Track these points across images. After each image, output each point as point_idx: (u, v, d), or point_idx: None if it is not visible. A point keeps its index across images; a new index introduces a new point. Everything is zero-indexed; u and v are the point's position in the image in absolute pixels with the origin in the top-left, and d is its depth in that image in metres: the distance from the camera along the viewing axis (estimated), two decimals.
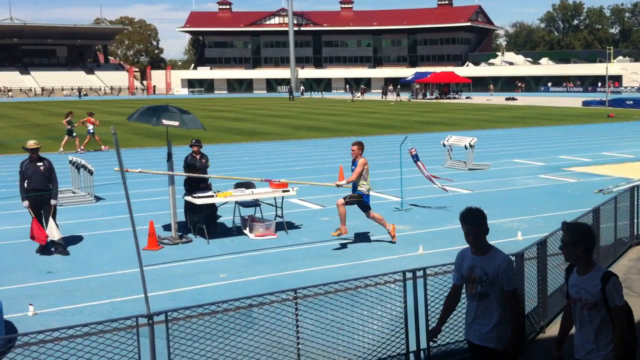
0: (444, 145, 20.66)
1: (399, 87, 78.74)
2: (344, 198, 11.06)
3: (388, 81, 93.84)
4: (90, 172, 15.03)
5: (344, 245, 11.25)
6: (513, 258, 5.94)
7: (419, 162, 14.35)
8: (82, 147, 25.54)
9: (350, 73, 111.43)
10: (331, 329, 6.25)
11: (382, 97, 77.78)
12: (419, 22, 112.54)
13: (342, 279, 6.87)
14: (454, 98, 75.75)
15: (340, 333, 6.36)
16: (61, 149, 24.71)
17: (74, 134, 25.53)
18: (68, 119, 25.68)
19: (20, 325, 7.68)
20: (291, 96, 77.03)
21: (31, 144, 11.03)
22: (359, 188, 11.08)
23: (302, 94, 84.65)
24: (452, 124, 37.29)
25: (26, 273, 9.83)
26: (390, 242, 11.24)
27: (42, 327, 7.03)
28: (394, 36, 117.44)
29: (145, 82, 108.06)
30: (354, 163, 11.12)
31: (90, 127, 25.97)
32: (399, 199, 14.29)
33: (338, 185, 12.11)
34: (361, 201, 11.08)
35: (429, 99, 76.56)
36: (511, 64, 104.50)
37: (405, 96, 75.34)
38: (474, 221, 4.70)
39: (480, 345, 4.83)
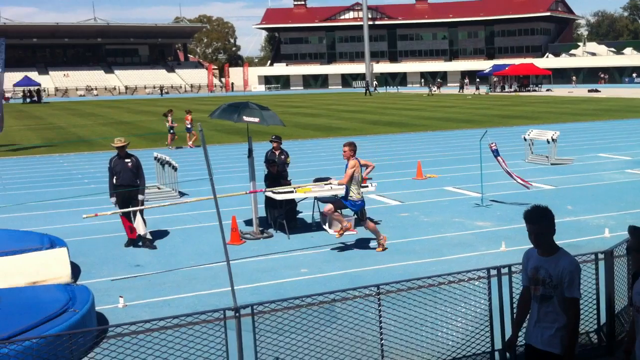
0: (525, 140, 20.18)
1: (477, 80, 77.39)
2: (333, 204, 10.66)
3: (465, 74, 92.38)
4: (175, 169, 15.46)
5: (423, 241, 11.18)
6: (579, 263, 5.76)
7: (499, 157, 14.09)
8: (190, 144, 26.47)
9: (425, 67, 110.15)
10: (414, 325, 6.23)
11: (459, 91, 76.66)
12: (497, 13, 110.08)
13: (424, 275, 6.84)
14: (534, 91, 73.85)
15: (423, 330, 6.33)
16: (170, 146, 25.69)
17: (172, 131, 26.24)
18: (169, 117, 26.47)
19: (111, 317, 7.99)
20: (367, 91, 76.90)
21: (119, 141, 11.45)
22: (350, 196, 10.42)
23: (375, 89, 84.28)
24: (532, 118, 36.39)
25: (116, 266, 10.21)
26: (382, 250, 10.64)
27: (132, 319, 7.30)
28: (471, 28, 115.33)
29: (223, 80, 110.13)
30: (347, 165, 10.54)
31: (188, 123, 26.78)
32: (480, 195, 14.08)
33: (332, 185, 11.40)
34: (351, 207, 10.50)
35: (507, 92, 74.90)
36: (593, 54, 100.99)
37: (483, 89, 73.99)
38: (535, 220, 4.48)
39: (543, 350, 4.59)
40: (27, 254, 8.94)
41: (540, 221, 4.50)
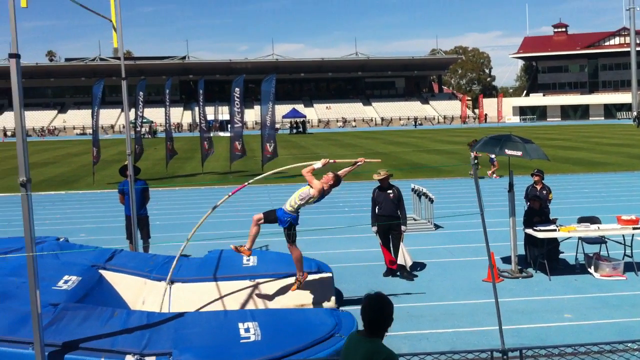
0: None
1: None
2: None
3: None
4: (431, 200, 15.61)
5: None
6: None
7: None
8: (490, 172, 26.62)
9: None
10: None
11: None
12: None
13: None
14: None
15: None
16: (494, 175, 26.22)
17: (495, 161, 26.30)
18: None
19: None
20: (637, 122, 71.04)
21: (378, 174, 11.86)
22: (285, 206, 8.93)
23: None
24: None
25: None
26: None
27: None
28: None
29: (477, 111, 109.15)
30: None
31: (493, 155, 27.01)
32: None
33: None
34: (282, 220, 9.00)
35: None
36: None
37: None
38: None
39: None
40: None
41: None
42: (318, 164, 9.15)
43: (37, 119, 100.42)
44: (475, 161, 6.37)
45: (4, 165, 40.00)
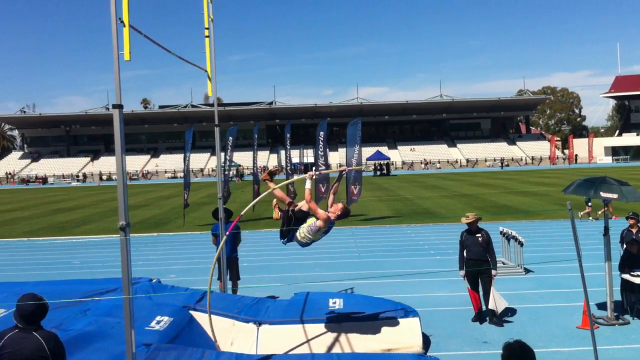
0: None
1: None
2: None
3: None
4: (521, 244, 15.23)
5: None
6: None
7: None
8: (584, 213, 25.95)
9: None
10: None
11: None
12: None
13: None
14: None
15: None
16: (590, 218, 25.59)
17: (590, 203, 25.69)
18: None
19: None
20: None
21: (469, 216, 11.72)
22: (302, 233, 8.41)
23: None
24: None
25: (463, 340, 10.30)
26: None
27: None
28: None
29: (566, 151, 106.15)
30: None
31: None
32: None
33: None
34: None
35: None
36: None
37: None
38: None
39: None
40: (383, 321, 9.51)
41: None
42: (308, 184, 8.61)
43: (131, 163, 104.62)
44: (569, 208, 6.21)
45: (99, 208, 41.78)
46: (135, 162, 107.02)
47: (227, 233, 10.39)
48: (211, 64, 11.40)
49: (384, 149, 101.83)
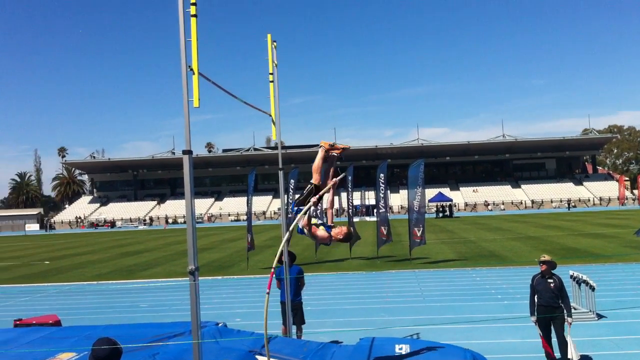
0: None
1: None
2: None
3: None
4: (592, 288, 14.75)
5: None
6: None
7: None
8: None
9: None
10: None
11: None
12: None
13: None
14: None
15: None
16: None
17: None
18: None
19: None
20: None
21: (544, 258, 11.42)
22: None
23: None
24: None
25: None
26: None
27: None
28: None
29: (635, 191, 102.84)
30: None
31: None
32: None
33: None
34: None
35: None
36: None
37: None
38: None
39: None
40: None
41: None
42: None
43: (196, 206, 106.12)
44: None
45: (165, 251, 42.59)
46: (200, 205, 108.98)
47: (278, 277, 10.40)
48: (275, 108, 11.63)
49: (445, 191, 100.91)
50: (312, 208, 8.53)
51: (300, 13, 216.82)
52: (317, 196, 8.50)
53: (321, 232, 8.30)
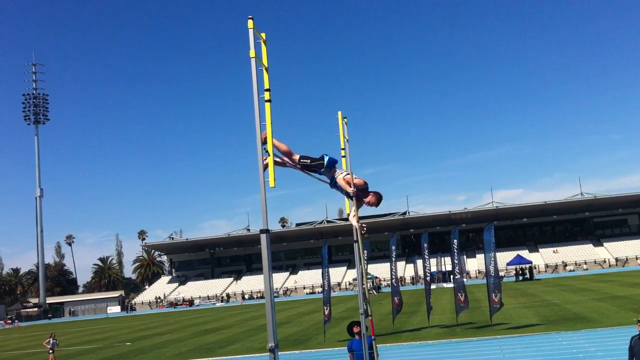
0: None
1: None
2: None
3: None
4: None
5: None
6: None
7: None
8: None
9: None
10: None
11: None
12: None
13: None
14: None
15: None
16: None
17: None
18: None
19: None
20: None
21: None
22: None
23: None
24: None
25: None
26: None
27: None
28: None
29: None
30: None
31: None
32: None
33: None
34: None
35: None
36: None
37: None
38: None
39: None
40: None
41: None
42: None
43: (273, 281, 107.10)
44: None
45: (242, 327, 42.80)
46: (276, 279, 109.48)
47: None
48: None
49: (524, 253, 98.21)
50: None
51: (368, 88, 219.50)
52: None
53: (342, 180, 9.19)
